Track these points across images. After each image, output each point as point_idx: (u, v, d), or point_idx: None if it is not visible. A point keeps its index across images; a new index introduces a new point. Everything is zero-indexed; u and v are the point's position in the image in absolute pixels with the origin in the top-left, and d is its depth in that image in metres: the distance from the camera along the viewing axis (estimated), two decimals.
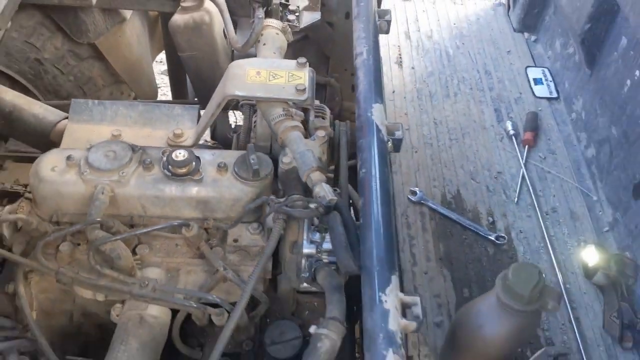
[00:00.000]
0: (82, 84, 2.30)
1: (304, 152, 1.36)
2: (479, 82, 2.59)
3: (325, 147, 1.47)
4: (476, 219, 2.04)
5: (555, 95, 2.54)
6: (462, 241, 1.98)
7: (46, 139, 1.73)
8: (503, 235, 2.01)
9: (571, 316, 1.87)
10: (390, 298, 1.09)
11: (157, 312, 1.35)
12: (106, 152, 1.39)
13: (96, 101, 1.68)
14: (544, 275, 1.18)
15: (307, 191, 1.35)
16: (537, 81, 2.60)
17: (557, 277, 1.96)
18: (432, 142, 2.30)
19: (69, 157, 1.38)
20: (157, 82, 2.78)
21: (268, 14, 1.79)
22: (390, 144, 1.45)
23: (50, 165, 1.39)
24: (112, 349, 1.29)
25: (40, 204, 1.40)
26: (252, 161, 1.39)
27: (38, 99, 2.07)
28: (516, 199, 2.13)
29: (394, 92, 2.50)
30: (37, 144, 1.79)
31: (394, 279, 1.13)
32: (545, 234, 2.05)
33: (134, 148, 1.41)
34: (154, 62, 2.73)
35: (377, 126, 1.43)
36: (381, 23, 1.77)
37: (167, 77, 2.62)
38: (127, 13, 2.31)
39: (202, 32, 1.92)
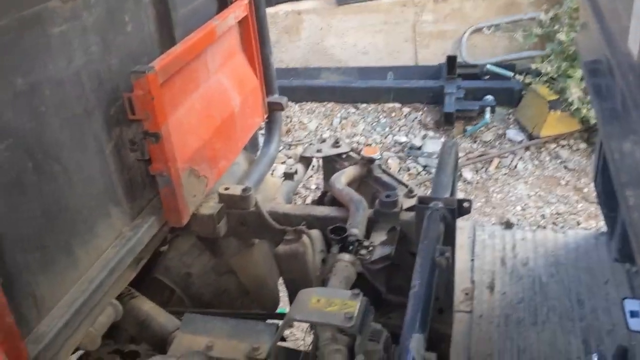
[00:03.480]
0: (219, 294, 2.65)
1: None
2: (570, 311, 2.63)
3: None
4: None
5: None
6: None
7: (164, 343, 2.18)
8: None
9: None
10: None
11: None
12: None
13: (201, 316, 2.13)
14: None
15: None
16: (634, 314, 2.55)
17: None
18: None
19: None
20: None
21: (343, 249, 2.15)
22: None
23: None
24: None
25: None
26: None
27: (183, 303, 2.54)
28: None
29: (481, 316, 2.63)
30: (158, 347, 2.25)
31: None
32: None
33: None
34: None
35: (412, 356, 1.63)
36: (440, 260, 2.04)
37: None
38: (256, 240, 2.69)
39: (297, 259, 2.34)
